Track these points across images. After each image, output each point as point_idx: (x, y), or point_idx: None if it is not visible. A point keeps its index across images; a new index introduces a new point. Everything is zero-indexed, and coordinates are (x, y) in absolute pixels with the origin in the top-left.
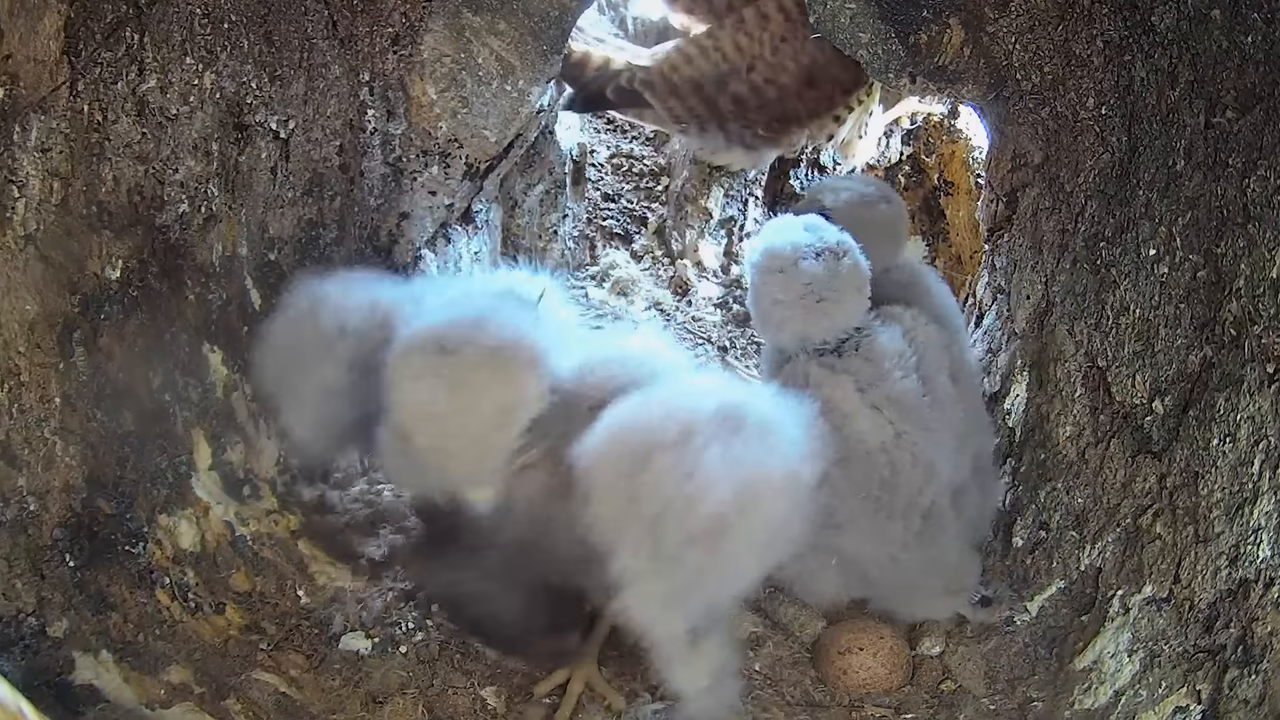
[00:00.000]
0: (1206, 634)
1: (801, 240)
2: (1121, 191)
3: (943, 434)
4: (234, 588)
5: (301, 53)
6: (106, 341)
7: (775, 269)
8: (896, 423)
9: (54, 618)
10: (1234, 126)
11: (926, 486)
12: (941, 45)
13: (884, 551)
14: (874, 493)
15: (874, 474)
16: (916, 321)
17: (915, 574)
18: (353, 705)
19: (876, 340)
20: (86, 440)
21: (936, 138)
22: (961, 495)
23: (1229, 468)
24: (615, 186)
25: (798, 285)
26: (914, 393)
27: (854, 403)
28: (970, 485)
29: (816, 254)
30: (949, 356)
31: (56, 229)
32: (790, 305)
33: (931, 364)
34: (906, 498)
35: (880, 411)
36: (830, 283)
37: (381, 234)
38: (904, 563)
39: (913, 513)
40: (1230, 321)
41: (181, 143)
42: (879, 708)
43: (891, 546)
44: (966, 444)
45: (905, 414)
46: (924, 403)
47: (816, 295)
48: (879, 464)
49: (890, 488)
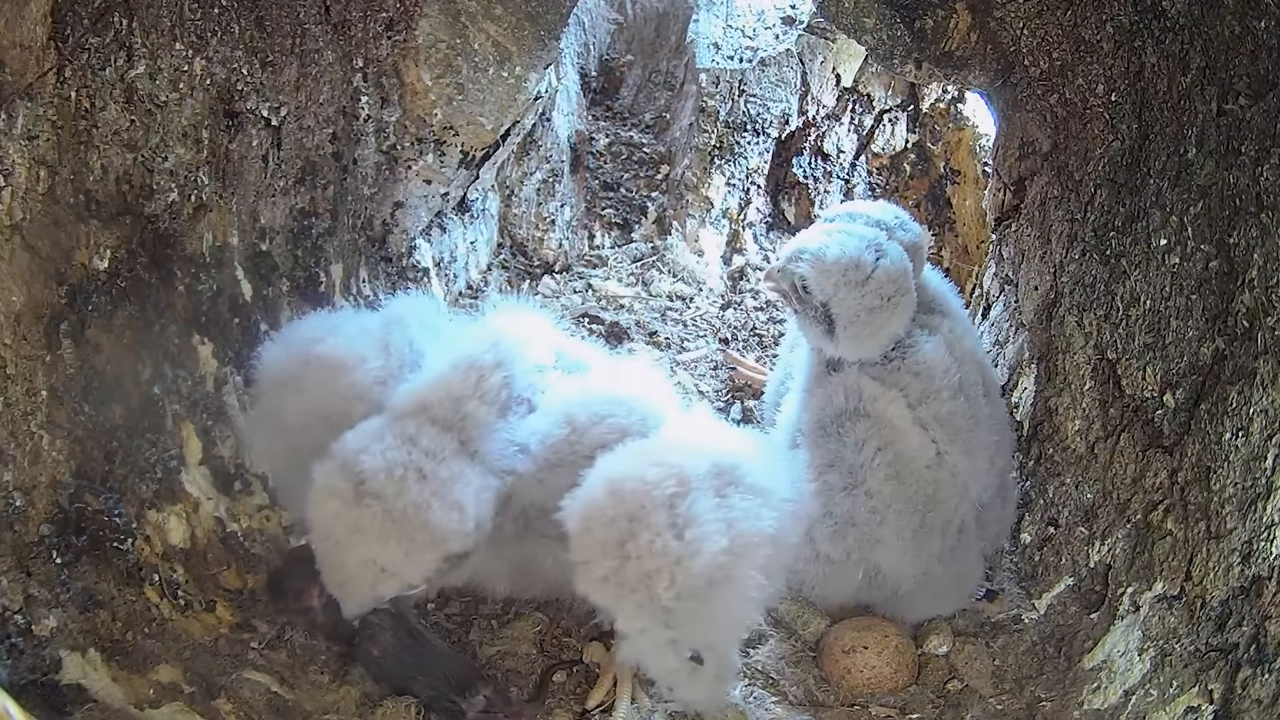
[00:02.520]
0: (1219, 632)
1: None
2: (1132, 180)
3: (980, 457)
4: (225, 585)
5: (294, 38)
6: (94, 333)
7: (859, 280)
8: (940, 443)
9: (41, 615)
10: (1246, 114)
11: (961, 504)
12: (948, 30)
13: (919, 566)
14: (920, 509)
15: (921, 490)
16: (954, 333)
17: (939, 586)
18: (346, 705)
19: (921, 351)
20: (74, 434)
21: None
22: (986, 511)
23: (1241, 462)
24: (614, 174)
25: (886, 288)
26: (961, 415)
27: (906, 420)
28: (994, 501)
29: (878, 256)
30: (980, 371)
31: (43, 218)
32: (881, 310)
33: (971, 382)
34: (944, 515)
35: (926, 431)
36: (899, 282)
37: (375, 223)
38: (933, 576)
39: (949, 529)
40: (1243, 313)
41: (171, 130)
42: (884, 707)
43: (928, 562)
44: (995, 462)
45: (951, 436)
46: (969, 425)
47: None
48: (925, 481)
49: (933, 505)
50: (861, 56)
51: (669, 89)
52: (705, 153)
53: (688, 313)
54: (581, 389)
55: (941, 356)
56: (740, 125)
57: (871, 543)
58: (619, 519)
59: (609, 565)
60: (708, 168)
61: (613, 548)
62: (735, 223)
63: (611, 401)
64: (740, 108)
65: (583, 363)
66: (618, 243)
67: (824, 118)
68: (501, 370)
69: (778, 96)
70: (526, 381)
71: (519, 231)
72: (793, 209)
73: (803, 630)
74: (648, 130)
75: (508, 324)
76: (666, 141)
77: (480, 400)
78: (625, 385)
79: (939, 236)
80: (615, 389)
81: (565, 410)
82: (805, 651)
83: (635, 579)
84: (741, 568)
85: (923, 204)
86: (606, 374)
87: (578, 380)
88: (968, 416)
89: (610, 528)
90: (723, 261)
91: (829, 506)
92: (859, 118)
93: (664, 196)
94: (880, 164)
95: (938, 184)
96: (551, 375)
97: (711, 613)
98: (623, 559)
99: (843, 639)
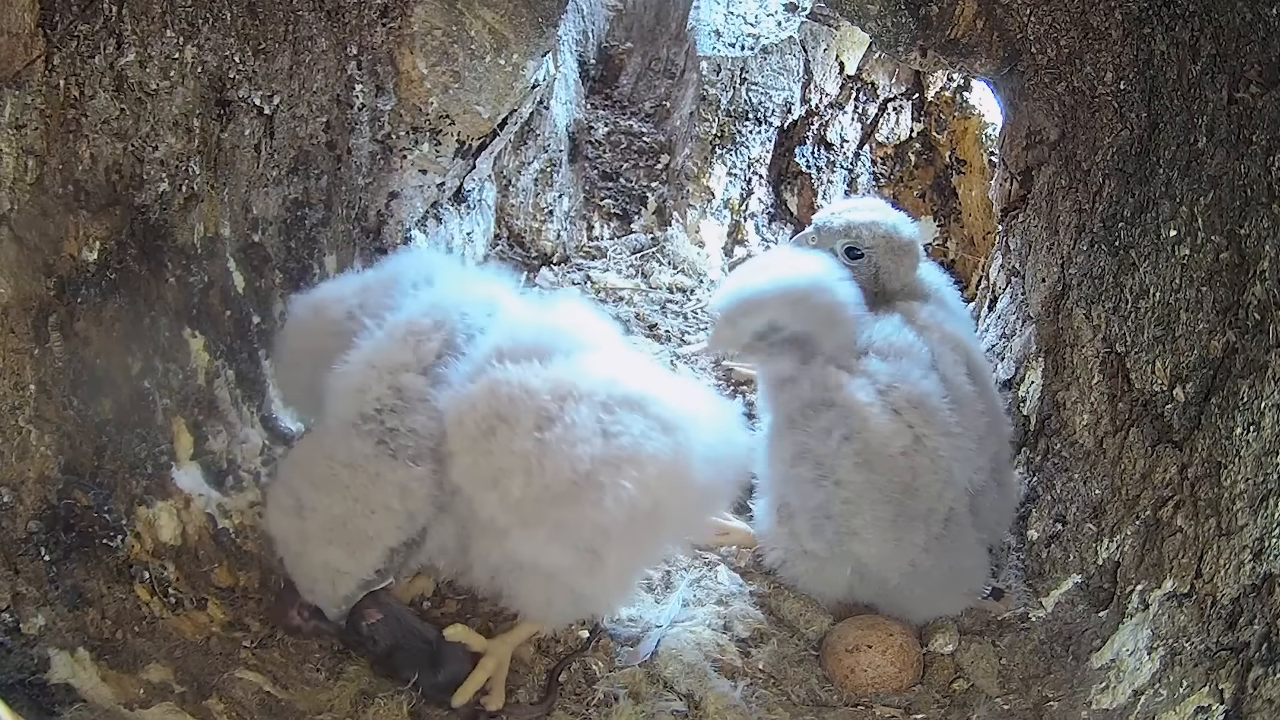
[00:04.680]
0: (1230, 631)
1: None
2: (1141, 170)
3: (964, 437)
4: (216, 582)
5: (286, 25)
6: (83, 326)
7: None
8: (917, 426)
9: (29, 614)
10: (1258, 102)
11: (946, 491)
12: (953, 17)
13: (903, 558)
14: (896, 497)
15: (896, 479)
16: (919, 313)
17: (933, 580)
18: (340, 704)
19: (880, 331)
20: (63, 429)
21: (948, 114)
22: (980, 497)
23: (1253, 457)
24: (614, 164)
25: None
26: (935, 394)
27: (874, 406)
28: (989, 486)
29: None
30: (965, 352)
31: (31, 209)
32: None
33: (949, 362)
34: (926, 503)
35: (900, 415)
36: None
37: (370, 214)
38: (923, 569)
39: (933, 518)
40: (1254, 305)
41: (161, 119)
42: (888, 708)
43: (912, 552)
44: (985, 445)
45: (927, 417)
46: (945, 404)
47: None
48: (900, 468)
49: (911, 492)
50: (865, 44)
51: (669, 77)
52: (706, 142)
53: (688, 305)
54: (510, 325)
55: (901, 333)
56: (742, 114)
57: (849, 534)
58: (489, 415)
59: (471, 459)
60: (709, 157)
61: (479, 441)
62: (737, 213)
63: (540, 330)
64: (742, 96)
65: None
66: (617, 234)
67: (827, 106)
68: (441, 331)
69: (780, 85)
70: (467, 336)
71: (516, 222)
72: (795, 199)
73: (805, 629)
74: (647, 119)
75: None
76: (667, 130)
77: (417, 370)
78: (554, 316)
79: (944, 227)
80: (543, 320)
81: (494, 345)
82: (808, 651)
83: (491, 474)
84: (614, 478)
85: (928, 194)
86: (537, 309)
87: (508, 319)
88: (945, 396)
89: (479, 423)
90: (724, 253)
91: (803, 500)
92: (863, 106)
93: (664, 187)
94: (884, 153)
95: (943, 174)
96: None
97: (581, 515)
98: (484, 454)
99: (846, 638)
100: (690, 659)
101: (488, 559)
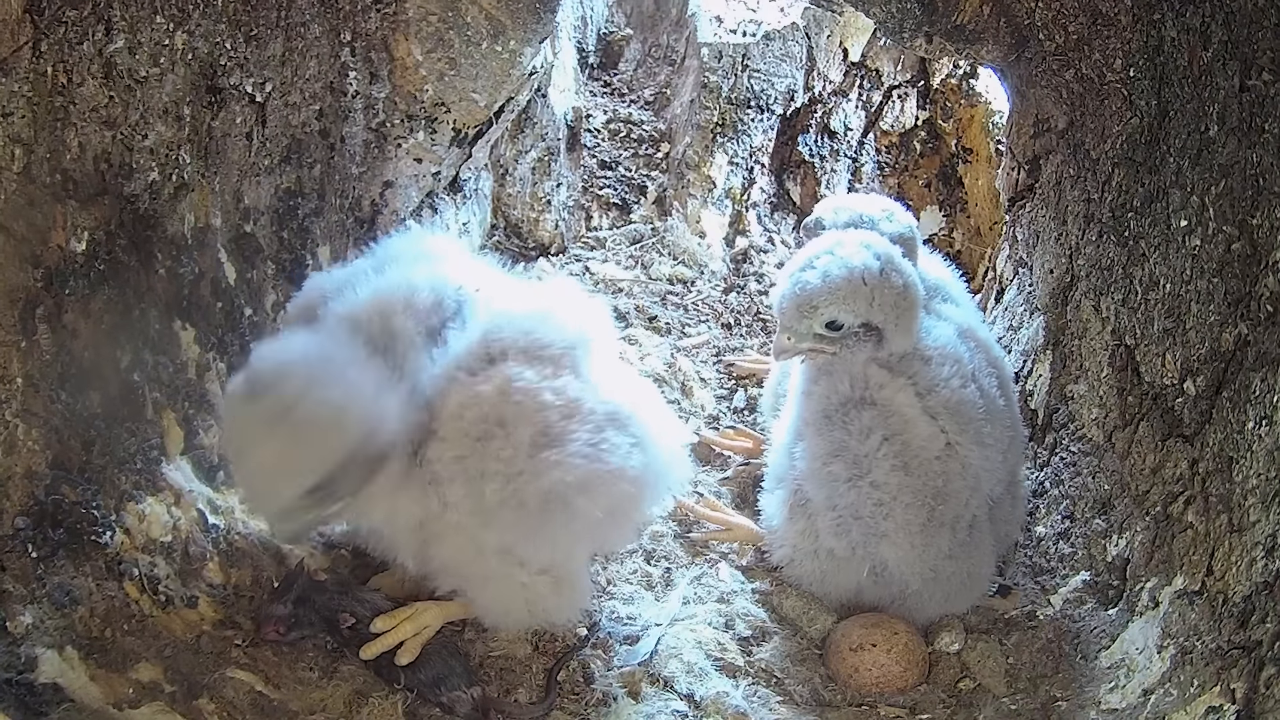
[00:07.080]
0: (1241, 629)
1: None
2: (1150, 158)
3: (993, 449)
4: (207, 580)
5: (279, 11)
6: (71, 318)
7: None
8: (950, 433)
9: (16, 611)
10: (1270, 89)
11: (973, 498)
12: (959, 3)
13: (927, 563)
14: (928, 502)
15: (930, 483)
16: (966, 323)
17: (950, 585)
18: (333, 704)
19: (931, 336)
20: (50, 423)
21: (954, 101)
22: (997, 508)
23: (1265, 452)
24: (613, 153)
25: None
26: (971, 403)
27: (914, 408)
28: (1004, 496)
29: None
30: (997, 365)
31: (18, 199)
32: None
33: (984, 372)
34: (955, 509)
35: (935, 420)
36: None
37: (364, 204)
38: (943, 574)
39: (959, 524)
40: (1266, 297)
41: (151, 107)
42: (893, 707)
43: (936, 558)
44: (1008, 457)
45: (962, 425)
46: (980, 415)
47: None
48: (934, 473)
49: (942, 498)
50: (869, 30)
51: (669, 64)
52: (707, 130)
53: (689, 296)
54: (501, 308)
55: (952, 343)
56: (744, 102)
57: (877, 537)
58: (490, 417)
59: (457, 451)
60: (710, 146)
61: (472, 438)
62: (738, 203)
63: (529, 317)
64: (744, 83)
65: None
66: (616, 224)
67: (831, 94)
68: (432, 291)
69: (783, 72)
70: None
71: (513, 212)
72: (798, 189)
73: (809, 627)
74: (647, 107)
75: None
76: (667, 118)
77: (408, 315)
78: (546, 301)
79: (950, 217)
80: (535, 305)
81: (482, 331)
82: (811, 649)
83: (472, 471)
84: (589, 503)
85: (933, 183)
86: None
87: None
88: (980, 406)
89: (479, 422)
90: (725, 243)
91: (833, 499)
92: (867, 94)
93: (664, 176)
94: (889, 142)
95: (949, 163)
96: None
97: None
98: (473, 451)
99: (850, 636)
100: (691, 658)
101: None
